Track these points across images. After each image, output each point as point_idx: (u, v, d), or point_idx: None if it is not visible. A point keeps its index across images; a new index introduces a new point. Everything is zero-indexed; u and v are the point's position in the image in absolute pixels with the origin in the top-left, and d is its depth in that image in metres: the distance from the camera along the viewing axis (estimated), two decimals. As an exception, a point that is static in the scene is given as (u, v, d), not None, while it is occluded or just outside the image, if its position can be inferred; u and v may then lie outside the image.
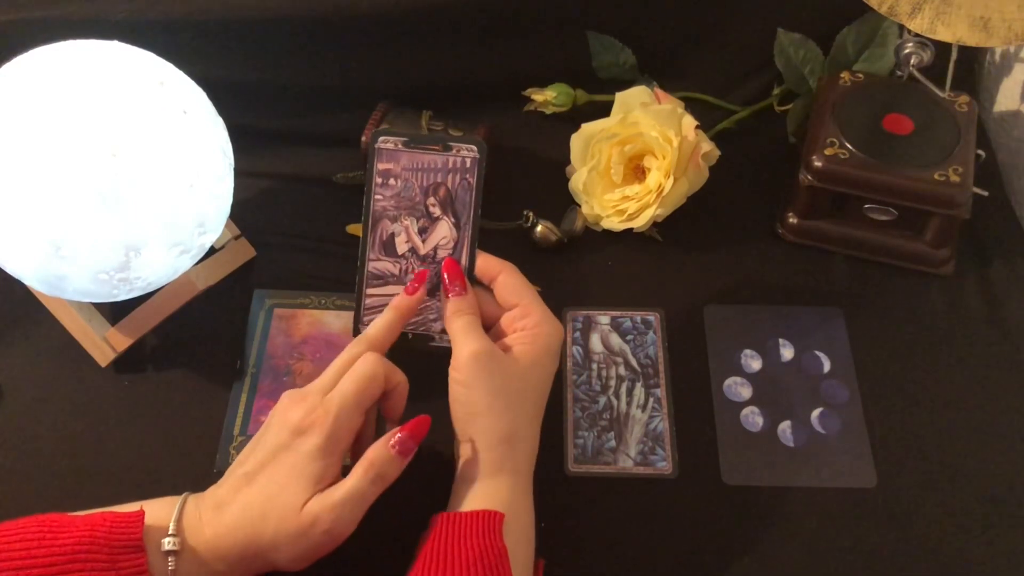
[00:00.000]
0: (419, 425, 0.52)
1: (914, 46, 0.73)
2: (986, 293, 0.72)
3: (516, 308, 0.57)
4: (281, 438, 0.51)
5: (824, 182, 0.71)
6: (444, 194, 0.55)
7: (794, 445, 0.65)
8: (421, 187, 0.55)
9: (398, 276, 0.56)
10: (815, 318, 0.71)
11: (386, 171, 0.56)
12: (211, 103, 0.64)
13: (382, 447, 0.51)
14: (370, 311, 0.56)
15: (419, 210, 0.56)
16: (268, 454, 0.51)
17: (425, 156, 0.55)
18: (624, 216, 0.74)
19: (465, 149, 0.55)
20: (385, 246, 0.56)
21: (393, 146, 0.55)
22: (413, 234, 0.56)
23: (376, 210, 0.56)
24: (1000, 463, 0.64)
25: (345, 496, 0.50)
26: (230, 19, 0.76)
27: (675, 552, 0.60)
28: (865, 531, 0.61)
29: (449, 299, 0.56)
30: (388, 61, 0.81)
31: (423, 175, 0.55)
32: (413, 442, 0.52)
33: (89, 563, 0.47)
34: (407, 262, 0.56)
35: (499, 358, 0.54)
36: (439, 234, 0.56)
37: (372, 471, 0.50)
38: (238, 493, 0.51)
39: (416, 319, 0.57)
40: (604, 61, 0.84)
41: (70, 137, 0.55)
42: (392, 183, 0.56)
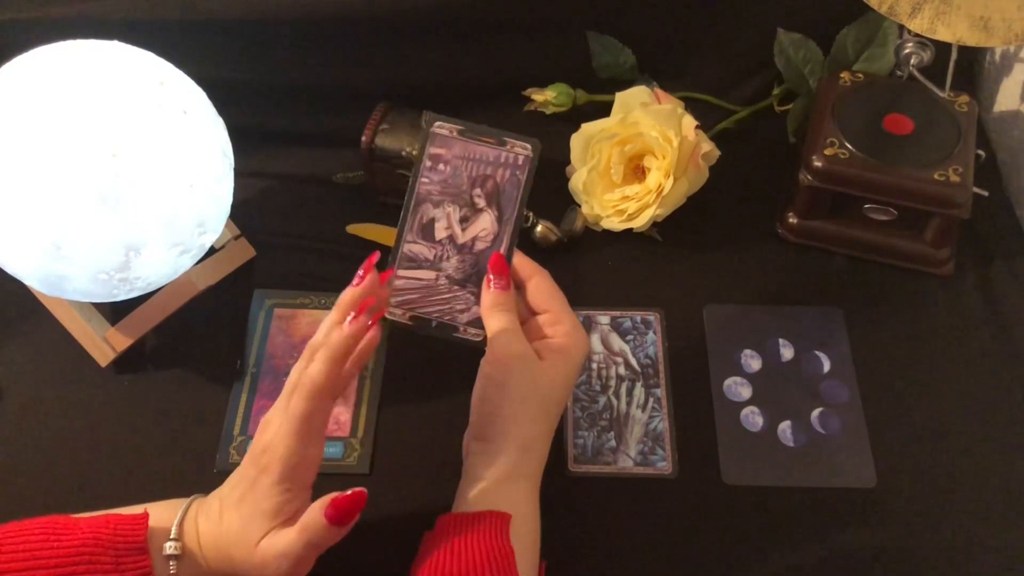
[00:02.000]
0: (352, 501, 0.49)
1: (914, 46, 0.73)
2: (986, 293, 0.72)
3: (547, 314, 0.56)
4: (248, 471, 0.51)
5: (824, 182, 0.71)
6: (491, 187, 0.55)
7: (794, 445, 0.65)
8: (469, 177, 0.55)
9: (432, 261, 0.55)
10: (815, 318, 0.71)
11: (437, 156, 0.55)
12: (211, 103, 0.64)
13: (316, 512, 0.49)
14: (399, 293, 0.55)
15: (464, 199, 0.55)
16: (243, 481, 0.51)
17: (478, 147, 0.55)
18: (624, 216, 0.74)
19: (519, 146, 0.55)
20: (424, 230, 0.55)
21: (448, 132, 0.55)
22: (454, 222, 0.55)
23: (420, 192, 0.55)
24: (1000, 463, 0.64)
25: (284, 550, 0.49)
26: (230, 19, 0.76)
27: (675, 552, 0.60)
28: (865, 531, 0.61)
29: (491, 291, 0.54)
30: (388, 61, 0.81)
31: (473, 165, 0.55)
32: (346, 517, 0.49)
33: (94, 564, 0.47)
34: (443, 248, 0.55)
35: (534, 365, 0.53)
36: (480, 225, 0.55)
37: (305, 536, 0.49)
38: (223, 516, 0.51)
39: (443, 307, 0.55)
40: (604, 61, 0.84)
41: (70, 137, 0.55)
42: (441, 168, 0.55)
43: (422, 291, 0.55)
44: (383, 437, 0.66)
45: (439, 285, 0.55)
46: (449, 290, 0.55)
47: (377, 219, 0.76)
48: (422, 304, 0.55)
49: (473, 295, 0.55)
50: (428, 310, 0.55)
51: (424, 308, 0.55)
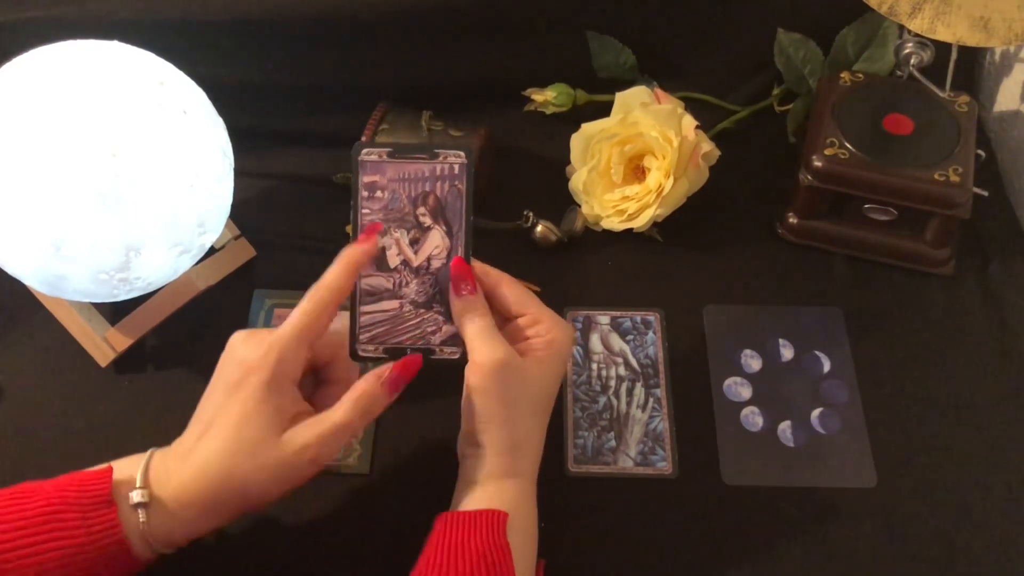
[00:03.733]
0: (409, 364, 0.53)
1: (914, 46, 0.73)
2: (986, 293, 0.72)
3: (525, 317, 0.56)
4: (235, 375, 0.52)
5: (824, 182, 0.71)
6: (434, 202, 0.54)
7: (794, 445, 0.65)
8: (409, 197, 0.54)
9: (392, 290, 0.55)
10: (815, 318, 0.71)
11: (372, 183, 0.54)
12: (211, 103, 0.64)
13: (373, 382, 0.51)
14: (366, 329, 0.55)
15: (409, 221, 0.54)
16: (223, 395, 0.52)
17: (411, 165, 0.54)
18: (624, 216, 0.74)
19: (452, 155, 0.54)
20: (377, 261, 0.54)
21: (377, 157, 0.54)
22: (404, 246, 0.54)
23: (363, 225, 0.54)
24: (1000, 463, 0.64)
25: (334, 426, 0.50)
26: (230, 19, 0.76)
27: (675, 552, 0.60)
28: (865, 531, 0.61)
29: (459, 299, 0.54)
30: (388, 61, 0.81)
31: (410, 185, 0.54)
32: (403, 381, 0.52)
33: (61, 523, 0.47)
34: (400, 275, 0.55)
35: (518, 367, 0.53)
36: (431, 244, 0.54)
37: (360, 404, 0.51)
38: (200, 440, 0.51)
39: (414, 333, 0.55)
40: (604, 61, 0.84)
41: (70, 137, 0.55)
42: (379, 195, 0.54)
43: (389, 322, 0.55)
44: (383, 437, 0.66)
45: (405, 312, 0.55)
46: (416, 315, 0.55)
47: (377, 219, 0.76)
48: (393, 335, 0.55)
49: (441, 314, 0.55)
50: (400, 339, 0.55)
51: (396, 338, 0.55)
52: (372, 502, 0.63)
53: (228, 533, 0.61)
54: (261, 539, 0.61)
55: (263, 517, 0.62)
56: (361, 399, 0.51)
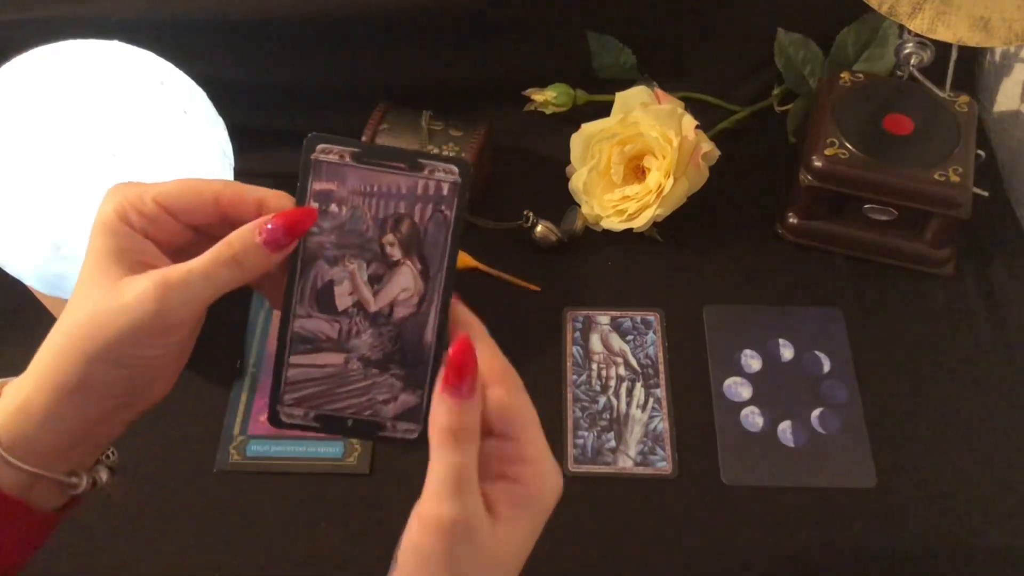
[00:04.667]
0: (297, 216, 0.40)
1: (914, 46, 0.73)
2: (986, 293, 0.72)
3: (510, 442, 0.40)
4: None
5: (824, 182, 0.71)
6: (408, 230, 0.41)
7: (794, 445, 0.65)
8: (376, 219, 0.40)
9: (336, 340, 0.41)
10: (815, 318, 0.71)
11: (325, 193, 0.40)
12: (211, 103, 0.64)
13: (248, 231, 0.39)
14: (294, 387, 0.41)
15: (371, 251, 0.41)
16: None
17: (383, 176, 0.40)
18: (624, 216, 0.74)
19: (442, 169, 0.40)
20: (319, 298, 0.41)
21: (338, 158, 0.40)
22: (361, 283, 0.41)
23: (309, 247, 0.40)
24: (1000, 463, 0.64)
25: (185, 273, 0.39)
26: (230, 19, 0.76)
27: (675, 552, 0.60)
28: (865, 531, 0.61)
29: (446, 403, 0.38)
30: (388, 61, 0.81)
31: (379, 202, 0.40)
32: (286, 237, 0.39)
33: None
34: (350, 321, 0.41)
35: (482, 535, 0.39)
36: (398, 285, 0.41)
37: (228, 252, 0.39)
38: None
39: (360, 399, 0.41)
40: (604, 61, 0.84)
41: (70, 137, 0.55)
42: (334, 210, 0.40)
43: (328, 381, 0.41)
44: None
45: (350, 371, 0.41)
46: (365, 376, 0.41)
47: (377, 219, 0.76)
48: (330, 399, 0.41)
49: (399, 379, 0.41)
50: (339, 406, 0.41)
51: (334, 404, 0.41)
52: (372, 502, 0.63)
53: (228, 533, 0.61)
54: (261, 539, 0.61)
55: (263, 517, 0.62)
56: (228, 247, 0.39)
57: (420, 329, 0.42)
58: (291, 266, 0.41)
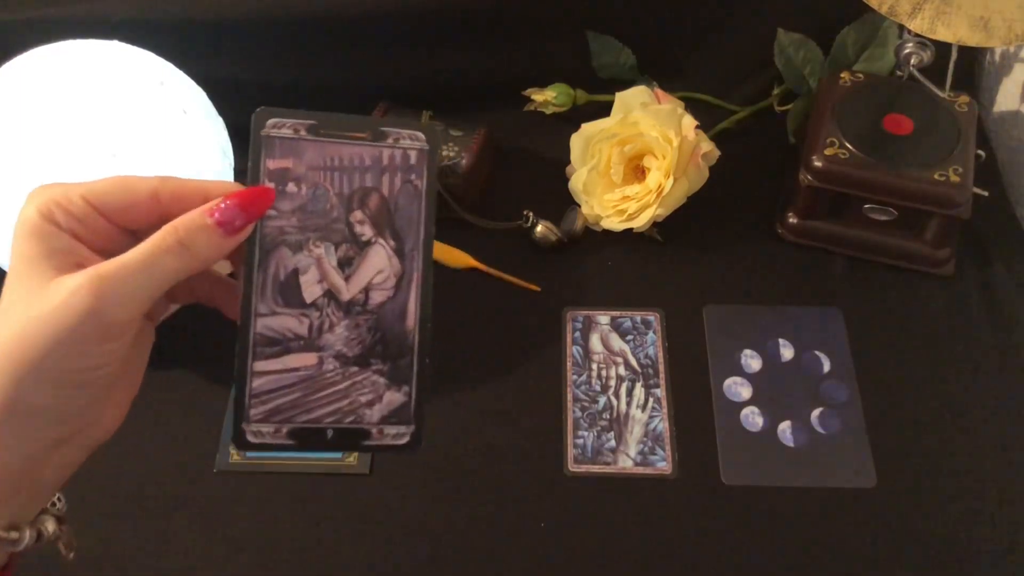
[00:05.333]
0: (255, 197, 0.35)
1: (914, 46, 0.73)
2: (986, 293, 0.72)
3: None
4: None
5: (824, 182, 0.71)
6: (377, 205, 0.37)
7: (794, 445, 0.65)
8: (340, 195, 0.36)
9: (306, 338, 0.36)
10: (815, 318, 0.71)
11: (281, 171, 0.36)
12: (211, 103, 0.64)
13: (197, 213, 0.35)
14: (262, 399, 0.36)
15: (339, 232, 0.37)
16: None
17: (345, 148, 0.37)
18: (624, 216, 0.74)
19: (407, 137, 0.37)
20: (284, 290, 0.36)
21: (293, 133, 0.36)
22: (330, 269, 0.37)
23: (267, 233, 0.36)
24: (1000, 463, 0.64)
25: (121, 264, 0.34)
26: (230, 19, 0.76)
27: (675, 552, 0.60)
28: (865, 531, 0.61)
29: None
30: (388, 61, 0.81)
31: (342, 177, 0.37)
32: (241, 214, 0.35)
33: None
34: (321, 313, 0.37)
35: None
36: (372, 267, 0.37)
37: (172, 236, 0.34)
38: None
39: (339, 404, 0.37)
40: (604, 61, 0.84)
41: (70, 137, 0.55)
42: (292, 190, 0.36)
43: (300, 387, 0.36)
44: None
45: (326, 372, 0.37)
46: (343, 376, 0.37)
47: (377, 219, 0.76)
48: (304, 408, 0.36)
49: (382, 374, 0.37)
50: (316, 415, 0.36)
51: (310, 413, 0.36)
52: (372, 502, 0.63)
53: (228, 533, 0.61)
54: (261, 539, 0.61)
55: (263, 517, 0.62)
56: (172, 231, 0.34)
57: (401, 315, 0.37)
58: (248, 257, 0.36)
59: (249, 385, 0.36)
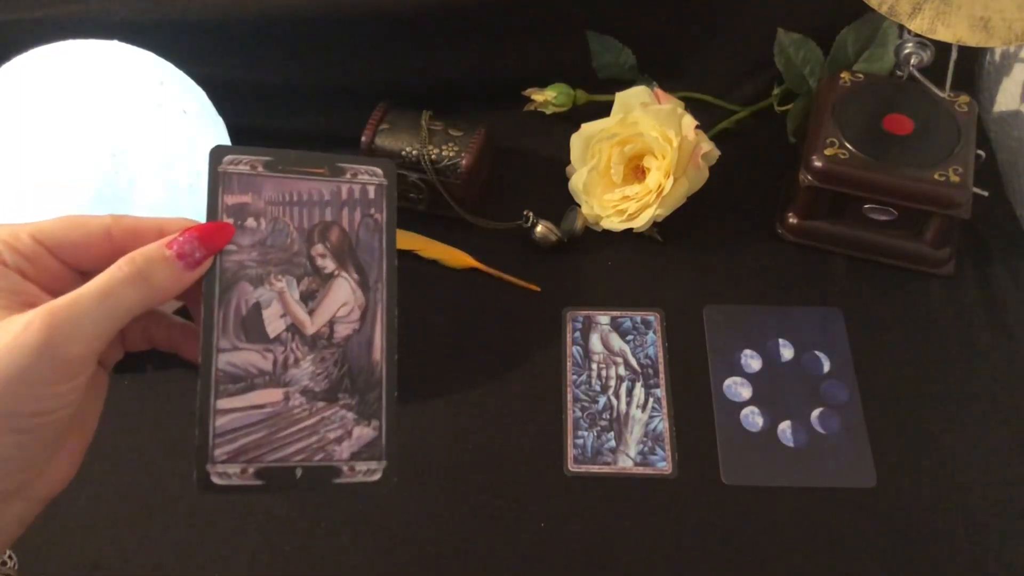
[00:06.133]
0: (214, 231, 0.36)
1: (914, 46, 0.73)
2: (986, 293, 0.72)
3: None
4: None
5: (824, 182, 0.71)
6: (338, 238, 0.37)
7: (794, 445, 0.65)
8: (300, 230, 0.37)
9: (271, 373, 0.36)
10: (815, 318, 0.71)
11: (240, 207, 0.36)
12: (211, 103, 0.64)
13: (155, 245, 0.35)
14: (227, 438, 0.35)
15: (301, 265, 0.37)
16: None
17: (302, 183, 0.37)
18: (624, 216, 0.74)
19: (365, 172, 0.38)
20: (247, 325, 0.36)
21: (250, 169, 0.37)
22: (292, 302, 0.36)
23: (228, 267, 0.36)
24: (1000, 463, 0.64)
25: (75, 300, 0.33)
26: (230, 19, 0.76)
27: (675, 552, 0.60)
28: (865, 531, 0.61)
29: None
30: (388, 61, 0.81)
31: (302, 211, 0.37)
32: (201, 248, 0.35)
33: None
34: (286, 349, 0.36)
35: None
36: (336, 300, 0.37)
37: (130, 267, 0.34)
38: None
39: (308, 442, 0.36)
40: (604, 61, 0.84)
41: (70, 137, 0.55)
42: (252, 225, 0.36)
43: (266, 425, 0.36)
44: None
45: (292, 408, 0.36)
46: (311, 412, 0.36)
47: (377, 219, 0.76)
48: (271, 447, 0.36)
49: (350, 408, 0.37)
50: (284, 453, 0.36)
51: (277, 452, 0.36)
52: (372, 503, 0.63)
53: (228, 534, 0.61)
54: (261, 540, 0.61)
55: (262, 516, 0.62)
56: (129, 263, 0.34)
57: (367, 347, 0.37)
58: (208, 292, 0.36)
59: (212, 424, 0.35)
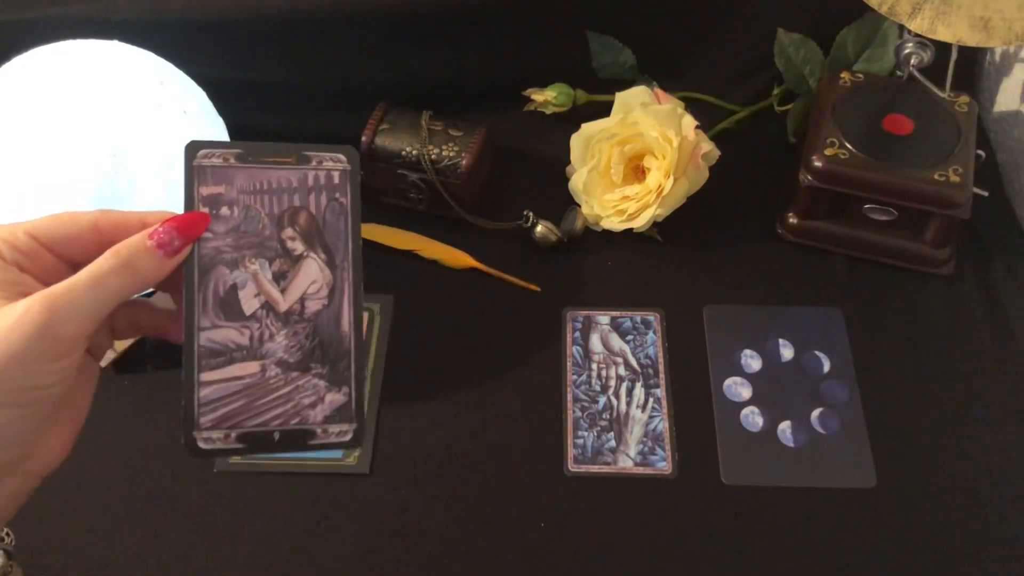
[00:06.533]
0: (191, 220, 0.39)
1: (914, 46, 0.73)
2: (986, 293, 0.72)
3: None
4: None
5: (824, 182, 0.71)
6: (306, 221, 0.41)
7: (794, 445, 0.65)
8: (271, 216, 0.40)
9: (249, 347, 0.39)
10: (815, 318, 0.71)
11: (215, 196, 0.40)
12: (211, 103, 0.64)
13: (137, 237, 0.39)
14: (211, 407, 0.39)
15: (272, 248, 0.40)
16: None
17: (271, 173, 0.40)
18: (624, 216, 0.74)
19: (329, 159, 0.41)
20: (223, 305, 0.39)
21: (222, 161, 0.40)
22: (266, 282, 0.40)
23: (205, 253, 0.39)
24: (1000, 463, 0.64)
25: (70, 285, 0.37)
26: (230, 19, 0.76)
27: (675, 552, 0.60)
28: (865, 531, 0.61)
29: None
30: (388, 61, 0.81)
31: (271, 198, 0.40)
32: (180, 237, 0.39)
33: None
34: (261, 325, 0.40)
35: None
36: (306, 279, 0.40)
37: (115, 258, 0.38)
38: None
39: (284, 408, 0.40)
40: (604, 61, 0.84)
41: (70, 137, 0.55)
42: (225, 212, 0.40)
43: (245, 394, 0.39)
44: (383, 437, 0.66)
45: (269, 379, 0.40)
46: (286, 381, 0.40)
47: (377, 219, 0.76)
48: (251, 413, 0.39)
49: (322, 377, 0.40)
50: (263, 419, 0.40)
51: (256, 418, 0.39)
52: (372, 502, 0.63)
53: (228, 533, 0.61)
54: (261, 539, 0.61)
55: (263, 517, 0.62)
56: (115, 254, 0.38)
57: (336, 321, 0.41)
58: (188, 277, 0.39)
59: (197, 395, 0.39)
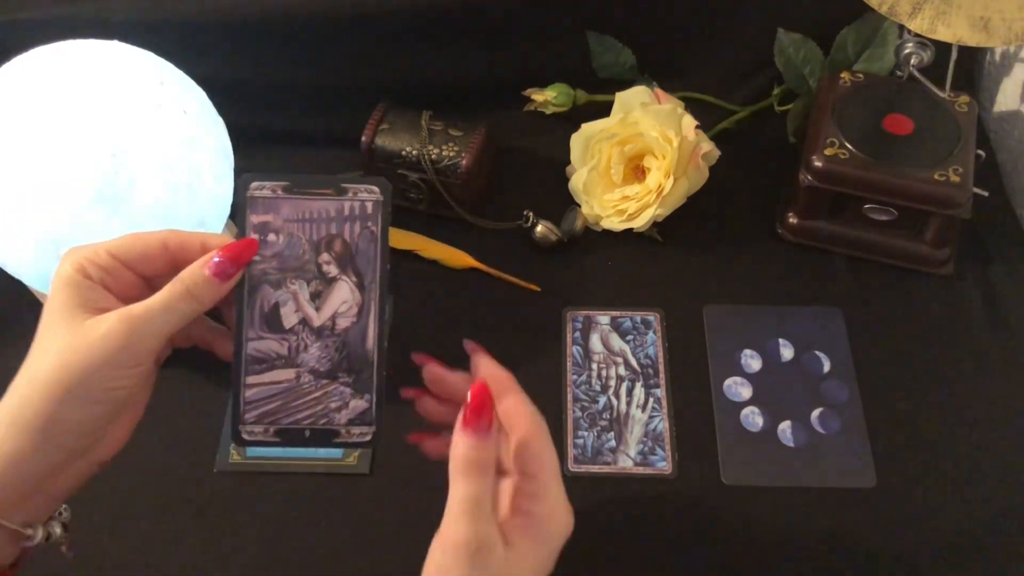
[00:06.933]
0: (240, 246, 0.45)
1: (914, 46, 0.73)
2: (986, 293, 0.72)
3: (530, 480, 0.46)
4: None
5: (824, 182, 0.71)
6: (341, 248, 0.46)
7: (794, 445, 0.65)
8: (311, 242, 0.46)
9: (287, 357, 0.46)
10: (815, 318, 0.71)
11: (264, 224, 0.45)
12: (211, 103, 0.64)
13: (197, 266, 0.44)
14: (253, 405, 0.46)
15: (310, 271, 0.46)
16: None
17: (313, 203, 0.45)
18: (624, 216, 0.74)
19: (364, 190, 0.46)
20: (267, 320, 0.46)
21: (271, 193, 0.45)
22: (304, 301, 0.46)
23: (254, 274, 0.45)
24: (1000, 463, 0.64)
25: (146, 308, 0.42)
26: (230, 19, 0.76)
27: (675, 552, 0.60)
28: (865, 531, 0.61)
29: (465, 436, 0.44)
30: (388, 61, 0.81)
31: (312, 227, 0.46)
32: (232, 266, 0.44)
33: None
34: (298, 338, 0.46)
35: (497, 557, 0.43)
36: (337, 299, 0.46)
37: (181, 286, 0.43)
38: None
39: (315, 409, 0.46)
40: (604, 61, 0.84)
41: (70, 137, 0.55)
42: (272, 239, 0.45)
43: (282, 396, 0.46)
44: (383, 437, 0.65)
45: (303, 384, 0.46)
46: (317, 387, 0.46)
47: (377, 219, 0.76)
48: (286, 412, 0.46)
49: (348, 385, 0.46)
50: (296, 418, 0.46)
51: (291, 417, 0.46)
52: (372, 502, 0.63)
53: (228, 533, 0.61)
54: (261, 539, 0.61)
55: (263, 517, 0.62)
56: (180, 282, 0.43)
57: (362, 337, 0.46)
58: (239, 295, 0.45)
59: (243, 394, 0.46)
